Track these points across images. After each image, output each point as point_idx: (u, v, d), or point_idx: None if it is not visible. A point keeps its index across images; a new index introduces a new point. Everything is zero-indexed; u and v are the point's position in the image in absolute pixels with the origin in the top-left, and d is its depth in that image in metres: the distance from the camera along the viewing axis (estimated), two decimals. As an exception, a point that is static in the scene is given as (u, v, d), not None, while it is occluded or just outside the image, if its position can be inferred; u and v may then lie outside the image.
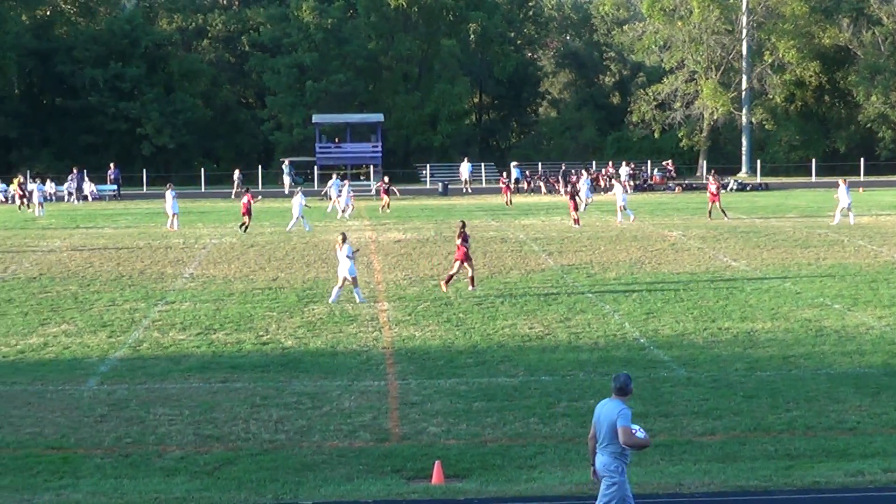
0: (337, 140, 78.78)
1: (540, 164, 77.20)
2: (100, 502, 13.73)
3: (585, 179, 55.96)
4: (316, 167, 74.54)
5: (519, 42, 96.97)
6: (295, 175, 72.73)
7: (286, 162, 73.09)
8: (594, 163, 76.28)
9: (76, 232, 45.34)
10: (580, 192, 53.80)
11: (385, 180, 55.98)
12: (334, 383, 19.51)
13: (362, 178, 74.33)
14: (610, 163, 73.91)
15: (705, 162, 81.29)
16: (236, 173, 68.54)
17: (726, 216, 46.93)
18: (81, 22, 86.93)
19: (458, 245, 28.68)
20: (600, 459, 11.62)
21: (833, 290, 28.23)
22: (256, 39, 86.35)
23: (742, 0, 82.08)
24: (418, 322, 24.81)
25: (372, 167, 75.23)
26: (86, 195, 66.50)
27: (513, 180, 65.39)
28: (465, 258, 28.63)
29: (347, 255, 26.95)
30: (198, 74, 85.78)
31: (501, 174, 67.21)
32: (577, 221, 44.27)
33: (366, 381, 19.65)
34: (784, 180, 74.97)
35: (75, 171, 67.58)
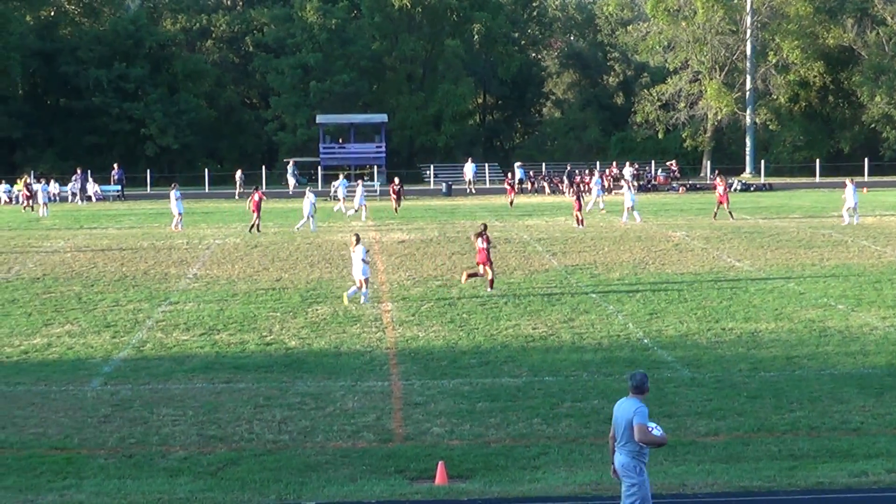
0: (341, 140, 78.85)
1: (544, 165, 77.18)
2: (103, 503, 13.74)
3: (597, 180, 55.81)
4: (320, 168, 74.62)
5: (523, 42, 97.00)
6: (298, 175, 72.83)
7: (291, 162, 73.16)
8: (598, 163, 76.24)
9: (80, 232, 45.37)
10: (591, 193, 53.77)
11: (396, 181, 55.87)
12: (338, 384, 19.51)
13: (366, 179, 74.35)
14: (614, 163, 73.89)
15: (709, 162, 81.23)
16: (238, 173, 68.58)
17: (732, 217, 46.91)
18: (85, 22, 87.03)
19: (479, 247, 28.68)
20: (619, 459, 11.67)
21: (837, 291, 28.20)
22: (260, 40, 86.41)
23: (746, 0, 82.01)
24: (422, 322, 24.80)
25: (376, 168, 75.30)
26: (89, 196, 66.59)
27: (517, 181, 65.37)
28: (486, 261, 28.61)
29: (363, 259, 26.98)
30: (202, 75, 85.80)
31: (506, 175, 67.18)
32: (582, 222, 44.23)
33: (369, 382, 19.65)
34: (788, 181, 74.95)
35: (79, 172, 67.77)
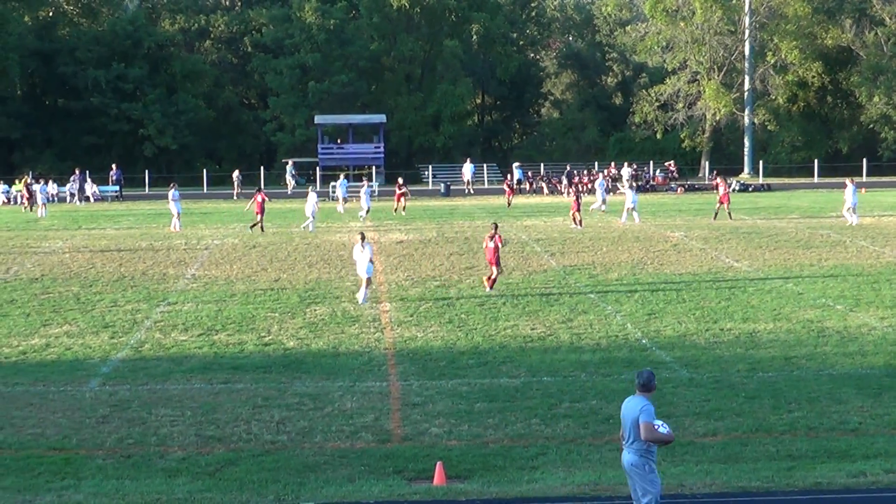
0: (339, 141, 78.82)
1: (542, 165, 77.15)
2: (101, 503, 13.74)
3: (601, 181, 55.76)
4: (318, 168, 74.61)
5: (521, 43, 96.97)
6: (297, 176, 72.79)
7: (290, 163, 73.14)
8: (596, 163, 76.26)
9: (78, 233, 45.36)
10: (596, 193, 53.68)
11: (399, 182, 55.71)
12: (336, 384, 19.51)
13: (370, 182, 74.30)
14: (612, 164, 73.90)
15: (707, 163, 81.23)
16: (235, 174, 68.54)
17: (730, 217, 46.92)
18: (84, 23, 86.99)
19: (487, 247, 28.71)
20: (628, 458, 11.72)
21: (835, 291, 28.22)
22: (259, 40, 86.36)
23: (744, 1, 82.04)
24: (420, 323, 24.81)
25: (374, 168, 75.29)
26: (88, 196, 66.52)
27: (515, 181, 65.33)
28: (494, 261, 28.63)
29: (370, 259, 27.02)
30: (200, 75, 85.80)
31: (505, 176, 67.17)
32: (580, 222, 44.21)
33: (368, 382, 19.65)
34: (786, 181, 74.96)
35: (77, 172, 67.72)
